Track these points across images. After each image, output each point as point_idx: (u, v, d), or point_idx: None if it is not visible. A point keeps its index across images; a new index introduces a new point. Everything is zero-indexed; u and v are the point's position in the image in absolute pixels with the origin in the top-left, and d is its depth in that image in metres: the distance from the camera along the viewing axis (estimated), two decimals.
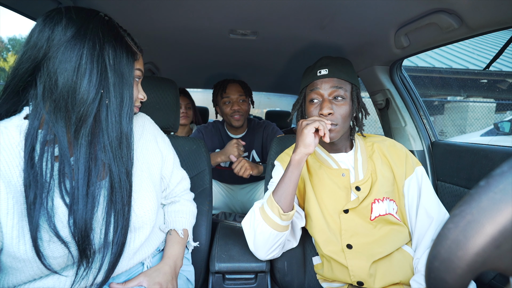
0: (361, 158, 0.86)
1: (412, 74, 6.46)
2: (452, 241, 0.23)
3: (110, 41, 0.56)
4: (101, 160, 0.57)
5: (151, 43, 1.35)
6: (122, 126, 0.58)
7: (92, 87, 0.53)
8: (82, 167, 0.53)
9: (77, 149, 0.54)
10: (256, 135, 1.63)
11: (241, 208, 1.70)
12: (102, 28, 0.56)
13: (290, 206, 0.77)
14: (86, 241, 0.54)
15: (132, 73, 0.61)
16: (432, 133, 1.42)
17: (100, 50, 0.54)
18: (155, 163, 0.76)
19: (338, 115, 0.80)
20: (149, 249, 0.73)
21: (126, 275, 0.69)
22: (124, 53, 0.58)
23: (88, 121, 0.54)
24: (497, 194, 0.22)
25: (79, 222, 0.53)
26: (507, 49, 0.93)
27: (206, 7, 0.96)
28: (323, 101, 0.81)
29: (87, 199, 0.54)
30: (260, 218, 0.77)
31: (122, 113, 0.58)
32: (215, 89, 1.57)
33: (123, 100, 0.58)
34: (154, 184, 0.73)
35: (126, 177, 0.59)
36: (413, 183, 0.81)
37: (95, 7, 0.96)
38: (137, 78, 0.66)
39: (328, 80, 0.82)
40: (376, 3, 0.90)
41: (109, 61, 0.55)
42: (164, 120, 1.06)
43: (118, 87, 0.57)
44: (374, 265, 0.78)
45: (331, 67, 0.83)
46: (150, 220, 0.68)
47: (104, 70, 0.55)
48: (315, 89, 0.83)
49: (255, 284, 0.90)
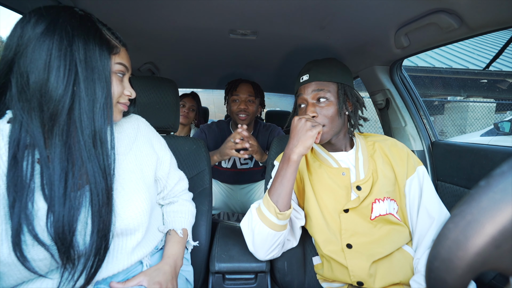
0: (362, 157, 0.86)
1: (412, 74, 6.46)
2: (452, 241, 0.23)
3: (80, 35, 0.54)
4: (80, 160, 0.55)
5: (151, 43, 1.35)
6: (95, 124, 0.56)
7: (60, 83, 0.51)
8: (58, 168, 0.52)
9: (52, 150, 0.52)
10: (262, 138, 1.63)
11: (241, 208, 1.69)
12: (71, 22, 0.54)
13: (287, 205, 0.77)
14: (66, 244, 0.52)
15: (107, 68, 0.58)
16: (432, 133, 1.42)
17: (68, 45, 0.52)
18: (149, 164, 0.75)
19: (323, 117, 0.82)
20: (147, 249, 0.72)
21: (124, 273, 0.69)
22: (97, 47, 0.56)
23: (60, 119, 0.52)
24: (497, 194, 0.22)
25: (57, 224, 0.51)
26: (507, 49, 0.93)
27: (206, 7, 0.96)
28: (307, 105, 0.84)
29: (65, 201, 0.52)
30: (257, 219, 0.78)
31: (95, 110, 0.56)
32: (228, 86, 1.57)
33: (96, 96, 0.56)
34: (148, 186, 0.72)
35: (101, 177, 0.57)
36: (415, 182, 0.81)
37: (95, 7, 0.97)
38: (120, 74, 0.63)
39: (309, 85, 0.84)
40: (376, 3, 0.90)
41: (78, 56, 0.53)
42: (163, 120, 1.06)
43: (90, 82, 0.55)
44: (374, 265, 0.78)
45: (312, 71, 0.85)
46: (142, 221, 0.67)
47: (74, 65, 0.53)
48: (300, 95, 0.86)
49: (255, 284, 0.90)
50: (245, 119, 1.50)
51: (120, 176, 0.66)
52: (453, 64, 6.82)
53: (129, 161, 0.70)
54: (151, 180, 0.75)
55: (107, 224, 0.58)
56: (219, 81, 2.20)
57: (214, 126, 1.65)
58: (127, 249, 0.67)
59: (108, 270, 0.63)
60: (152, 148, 0.79)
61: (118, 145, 0.69)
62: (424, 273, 0.70)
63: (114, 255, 0.65)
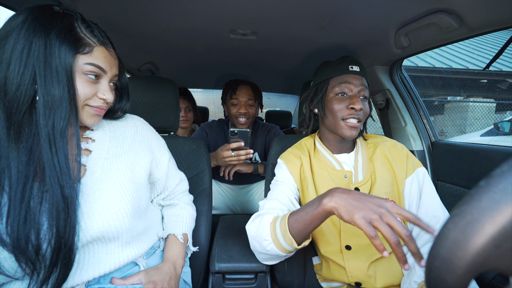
0: (362, 160, 0.87)
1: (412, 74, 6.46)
2: (452, 241, 0.23)
3: (43, 31, 0.52)
4: (36, 161, 0.53)
5: (151, 43, 1.35)
6: (54, 125, 0.53)
7: (16, 78, 0.50)
8: (15, 169, 0.50)
9: (12, 151, 0.51)
10: (260, 138, 1.62)
11: (241, 208, 1.69)
12: (39, 19, 0.53)
13: (305, 239, 0.70)
14: (20, 248, 0.50)
15: (69, 67, 0.54)
16: (432, 133, 1.42)
17: (29, 41, 0.51)
18: (142, 164, 0.73)
19: (364, 114, 0.83)
20: (140, 249, 0.71)
21: (119, 273, 0.68)
22: (57, 44, 0.53)
23: (15, 117, 0.51)
24: (497, 194, 0.22)
25: (11, 226, 0.50)
26: (507, 49, 0.93)
27: (206, 7, 0.96)
28: (354, 96, 0.81)
29: (22, 204, 0.51)
30: (269, 237, 0.71)
31: (52, 110, 0.53)
32: (226, 87, 1.55)
33: (54, 96, 0.53)
34: (137, 187, 0.69)
35: (57, 184, 0.53)
36: (414, 183, 0.81)
37: (95, 7, 0.97)
38: (91, 75, 0.58)
39: (360, 78, 0.83)
40: (376, 3, 0.90)
41: (38, 52, 0.51)
42: (163, 120, 1.06)
43: (48, 81, 0.52)
44: (373, 265, 0.78)
45: (361, 67, 0.85)
46: (125, 224, 0.64)
47: (31, 62, 0.51)
48: (345, 83, 0.82)
49: (255, 284, 0.90)
50: (245, 123, 1.49)
51: (107, 176, 0.64)
52: (453, 64, 6.82)
53: (120, 161, 0.68)
54: (143, 181, 0.72)
55: (67, 234, 0.54)
56: (219, 81, 2.20)
57: (215, 125, 1.65)
58: (112, 251, 0.64)
59: (89, 273, 0.61)
60: (148, 148, 0.77)
61: (111, 146, 0.68)
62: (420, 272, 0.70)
63: (96, 259, 0.63)
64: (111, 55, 0.62)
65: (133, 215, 0.66)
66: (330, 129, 0.88)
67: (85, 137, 0.66)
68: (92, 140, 0.66)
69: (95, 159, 0.64)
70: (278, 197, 0.84)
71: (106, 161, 0.65)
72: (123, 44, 1.31)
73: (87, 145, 0.65)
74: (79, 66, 0.56)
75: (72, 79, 0.55)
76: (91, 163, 0.63)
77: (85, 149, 0.65)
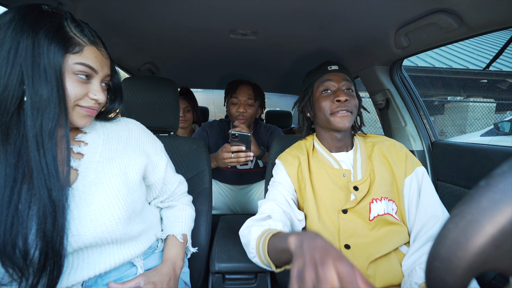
0: (360, 158, 0.87)
1: (412, 74, 6.46)
2: (452, 241, 0.23)
3: (30, 30, 0.51)
4: (25, 163, 0.52)
5: (151, 43, 1.35)
6: (42, 126, 0.52)
7: (4, 81, 0.50)
8: (3, 172, 0.50)
9: (1, 152, 0.50)
10: (262, 139, 1.62)
11: (241, 208, 1.69)
12: (27, 18, 0.52)
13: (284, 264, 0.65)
14: (7, 251, 0.49)
15: (58, 66, 0.53)
16: (432, 133, 1.42)
17: (16, 40, 0.50)
18: (136, 168, 0.71)
19: (352, 105, 0.84)
20: (137, 250, 0.70)
21: (116, 273, 0.68)
22: (45, 43, 0.52)
23: (3, 119, 0.50)
24: (497, 194, 0.22)
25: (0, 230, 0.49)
26: (507, 49, 0.93)
27: (206, 7, 0.96)
28: (338, 90, 0.85)
29: (9, 208, 0.50)
30: (254, 251, 0.71)
31: (40, 110, 0.52)
32: (227, 87, 1.56)
33: (41, 96, 0.52)
34: (131, 191, 0.68)
35: (45, 188, 0.52)
36: (413, 182, 0.81)
37: (95, 7, 0.97)
38: (81, 75, 0.57)
39: (340, 74, 0.87)
40: (376, 3, 0.90)
41: (25, 52, 0.50)
42: (163, 120, 1.06)
43: (36, 81, 0.51)
44: (373, 265, 0.78)
45: (339, 65, 0.89)
46: (118, 228, 0.63)
47: (18, 61, 0.50)
48: (327, 80, 0.87)
49: (255, 284, 0.90)
50: (244, 123, 1.49)
51: (100, 180, 0.62)
52: (453, 64, 6.82)
53: (113, 165, 0.66)
54: (136, 184, 0.70)
55: (55, 239, 0.52)
56: (219, 81, 2.20)
57: (216, 125, 1.65)
58: (107, 252, 0.64)
59: (84, 274, 0.61)
60: (143, 152, 0.75)
61: (104, 149, 0.67)
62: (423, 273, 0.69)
63: (91, 260, 0.62)
64: (102, 54, 0.61)
65: (127, 220, 0.65)
66: (324, 126, 0.89)
67: (77, 140, 0.65)
68: (84, 143, 0.65)
69: (87, 163, 0.63)
70: (275, 198, 0.84)
71: (99, 165, 0.64)
72: (123, 44, 1.31)
73: (79, 148, 0.63)
74: (69, 66, 0.55)
75: (62, 79, 0.54)
76: (83, 167, 0.62)
77: (77, 152, 0.63)
